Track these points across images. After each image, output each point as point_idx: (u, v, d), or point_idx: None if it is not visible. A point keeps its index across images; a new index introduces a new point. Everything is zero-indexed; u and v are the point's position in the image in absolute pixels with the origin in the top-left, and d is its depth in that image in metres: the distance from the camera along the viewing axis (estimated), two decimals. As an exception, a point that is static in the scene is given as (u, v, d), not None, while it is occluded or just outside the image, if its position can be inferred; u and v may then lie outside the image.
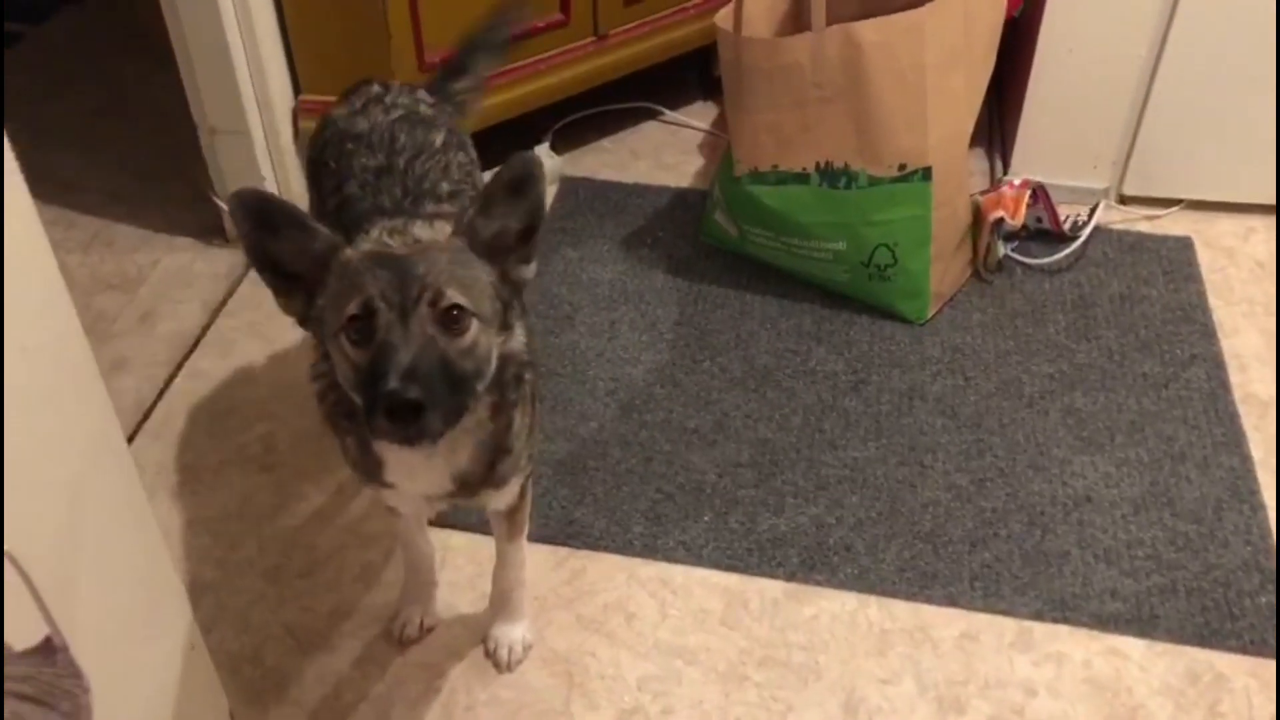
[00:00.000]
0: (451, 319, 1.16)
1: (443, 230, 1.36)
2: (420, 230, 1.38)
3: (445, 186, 1.55)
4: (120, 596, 1.13)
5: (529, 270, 1.27)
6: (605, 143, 2.77)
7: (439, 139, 1.63)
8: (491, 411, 1.29)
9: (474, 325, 1.18)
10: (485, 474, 1.34)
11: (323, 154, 1.64)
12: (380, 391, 1.10)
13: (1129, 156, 2.45)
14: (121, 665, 0.82)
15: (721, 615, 1.77)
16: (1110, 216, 2.48)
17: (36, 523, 0.96)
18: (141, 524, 1.17)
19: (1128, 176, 2.49)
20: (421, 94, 1.74)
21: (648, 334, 2.25)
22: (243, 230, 1.18)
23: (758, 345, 2.21)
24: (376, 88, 1.70)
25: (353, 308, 1.15)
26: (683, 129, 2.83)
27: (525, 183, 1.21)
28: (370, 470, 1.35)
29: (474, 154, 1.75)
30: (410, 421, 1.11)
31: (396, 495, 1.42)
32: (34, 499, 0.97)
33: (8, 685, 0.73)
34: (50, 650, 0.74)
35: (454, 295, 1.16)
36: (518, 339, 1.30)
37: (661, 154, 2.75)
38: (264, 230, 1.18)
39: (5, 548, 0.67)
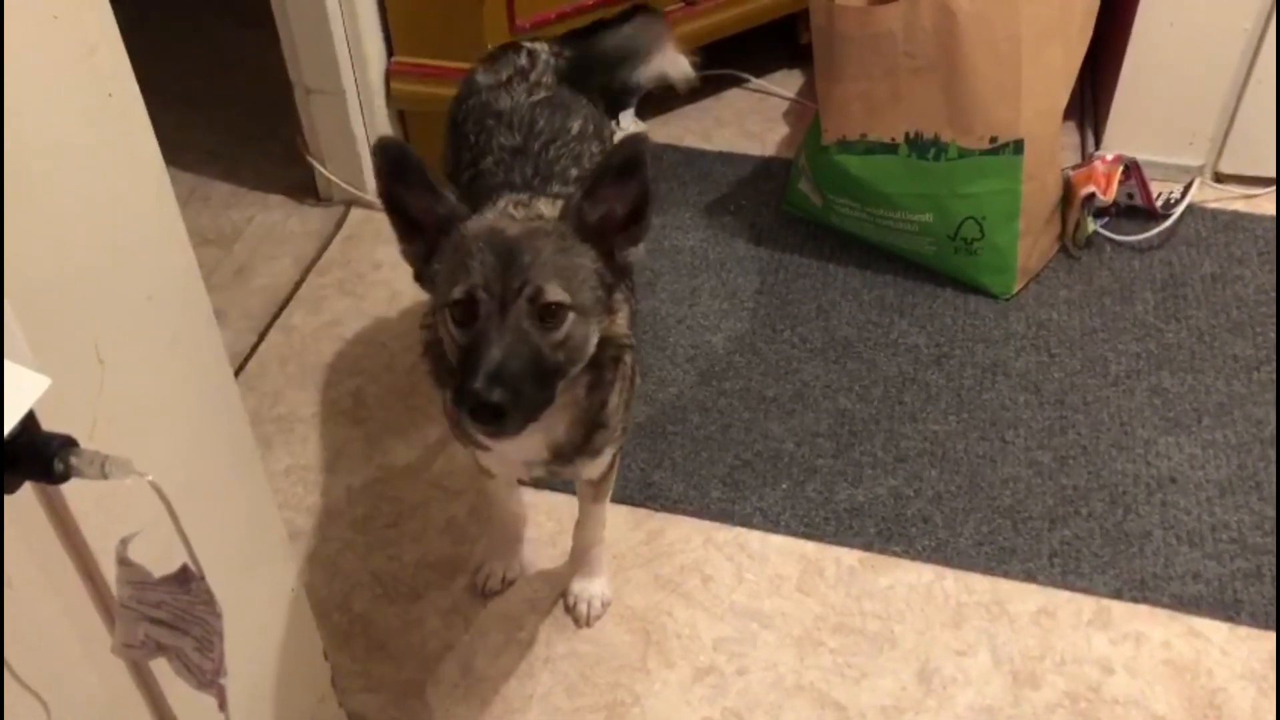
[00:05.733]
0: (548, 313, 1.19)
1: None
2: (544, 207, 1.41)
3: (574, 172, 1.59)
4: (230, 536, 1.19)
5: (637, 252, 1.27)
6: (690, 109, 2.77)
7: (576, 126, 1.66)
8: (588, 389, 1.32)
9: (569, 319, 1.20)
10: (581, 444, 1.38)
11: (465, 122, 1.68)
12: (468, 389, 1.14)
13: (1228, 133, 2.40)
14: (228, 604, 0.86)
15: (797, 581, 1.78)
16: (1205, 194, 2.43)
17: (167, 458, 1.01)
18: (250, 466, 1.22)
19: (1225, 154, 2.43)
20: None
21: (728, 302, 2.26)
22: (379, 175, 1.23)
23: (839, 316, 2.21)
24: (523, 59, 1.72)
25: (458, 292, 1.19)
26: (768, 97, 2.82)
27: (633, 166, 1.20)
28: (468, 432, 1.39)
29: (610, 139, 1.76)
30: (490, 421, 1.16)
31: (492, 458, 1.46)
32: (163, 437, 1.02)
33: (145, 610, 0.78)
34: (186, 578, 0.79)
35: (553, 291, 1.18)
36: (620, 322, 1.32)
37: (746, 121, 2.74)
38: (398, 180, 1.23)
39: (150, 478, 0.72)
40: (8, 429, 0.66)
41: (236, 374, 2.17)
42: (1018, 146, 2.06)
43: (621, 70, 1.85)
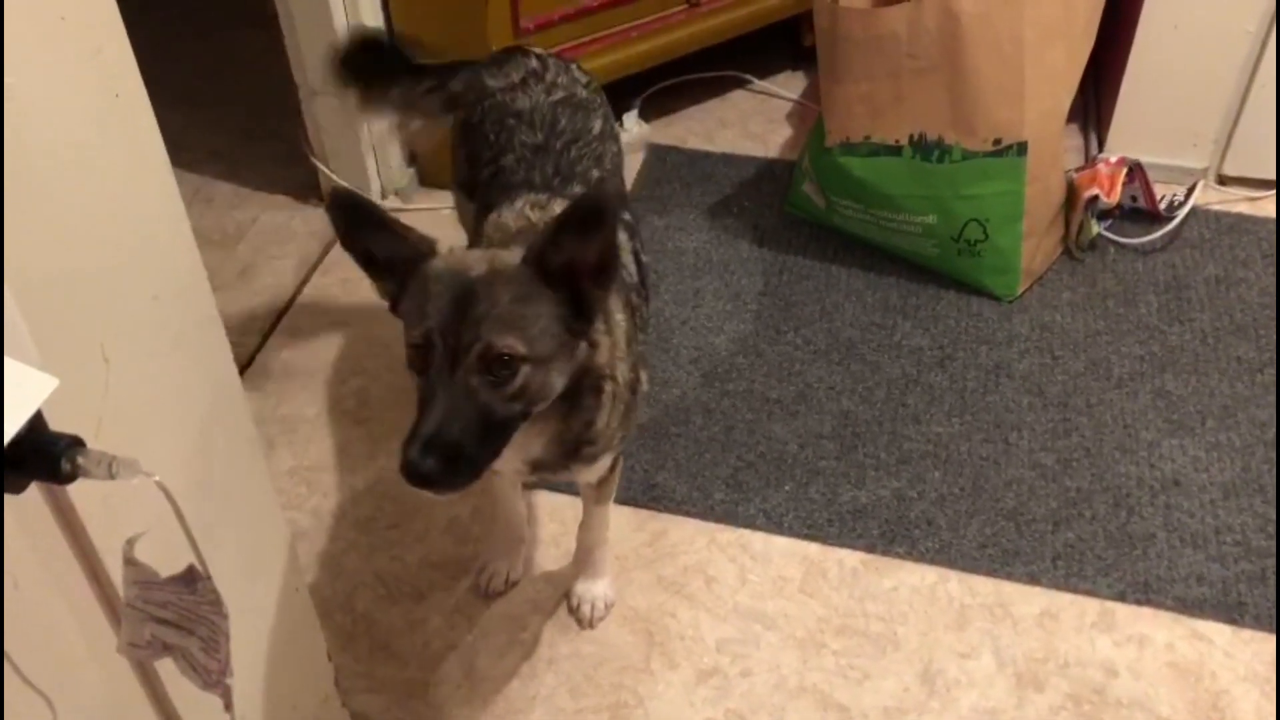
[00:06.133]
0: (499, 365, 1.16)
1: None
2: (558, 208, 1.41)
3: (595, 173, 1.59)
4: (234, 536, 1.19)
5: (602, 295, 1.23)
6: (693, 111, 2.78)
7: (597, 126, 1.66)
8: (564, 415, 1.30)
9: (523, 371, 1.17)
10: (571, 456, 1.37)
11: (483, 124, 1.67)
12: (404, 452, 1.14)
13: (1231, 136, 2.40)
14: (232, 604, 0.86)
15: (800, 583, 1.78)
16: (1208, 197, 2.43)
17: (172, 457, 1.01)
18: (254, 466, 1.22)
19: (1229, 156, 2.43)
20: (576, 72, 1.76)
21: (732, 303, 2.26)
22: (337, 228, 1.22)
23: (842, 318, 2.21)
24: (534, 62, 1.72)
25: (415, 335, 1.18)
26: (771, 98, 2.82)
27: (593, 222, 1.16)
28: None
29: (620, 142, 1.77)
30: (422, 486, 1.15)
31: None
32: (168, 437, 1.02)
33: (151, 610, 0.78)
34: (192, 578, 0.79)
35: (505, 345, 1.15)
36: (602, 353, 1.30)
37: (749, 123, 2.74)
38: (357, 229, 1.22)
39: (157, 478, 0.72)
40: (16, 429, 0.66)
41: (240, 374, 2.17)
42: (1021, 148, 2.06)
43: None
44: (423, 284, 1.20)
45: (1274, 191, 2.43)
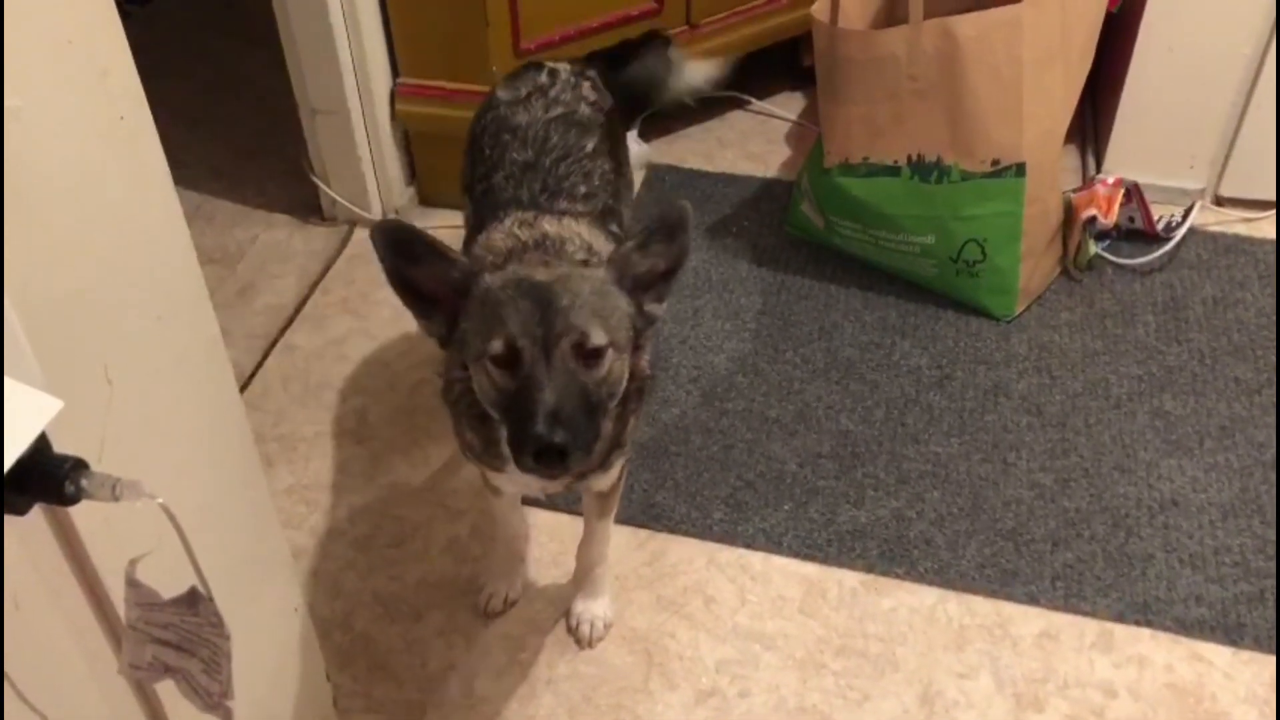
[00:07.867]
0: (591, 353, 1.21)
1: (569, 227, 1.43)
2: (548, 225, 1.44)
3: (582, 189, 1.61)
4: (234, 555, 1.19)
5: (660, 309, 1.32)
6: (693, 131, 2.79)
7: (590, 144, 1.68)
8: (615, 419, 1.35)
9: (609, 356, 1.23)
10: (603, 461, 1.40)
11: (482, 136, 1.70)
12: (529, 433, 1.16)
13: (1228, 157, 2.41)
14: (232, 623, 0.86)
15: (800, 603, 1.78)
16: (1205, 218, 2.44)
17: (173, 478, 1.01)
18: (255, 485, 1.22)
19: (1225, 177, 2.44)
20: (586, 89, 1.77)
21: (731, 323, 2.26)
22: (384, 259, 1.23)
23: (841, 337, 2.21)
24: (544, 77, 1.75)
25: (497, 345, 1.20)
26: (770, 119, 2.84)
27: (678, 228, 1.27)
28: (493, 465, 1.41)
29: (625, 159, 1.80)
30: (556, 462, 1.17)
31: (503, 478, 1.46)
32: (170, 457, 1.03)
33: (153, 631, 0.78)
34: (194, 600, 0.79)
35: (595, 332, 1.21)
36: (645, 356, 1.36)
37: (748, 143, 2.76)
38: (403, 258, 1.24)
39: (160, 500, 0.72)
40: (20, 451, 0.67)
41: (240, 393, 2.17)
42: (1019, 169, 2.07)
43: (648, 97, 1.98)
44: (487, 298, 1.23)
45: (1271, 213, 2.44)
